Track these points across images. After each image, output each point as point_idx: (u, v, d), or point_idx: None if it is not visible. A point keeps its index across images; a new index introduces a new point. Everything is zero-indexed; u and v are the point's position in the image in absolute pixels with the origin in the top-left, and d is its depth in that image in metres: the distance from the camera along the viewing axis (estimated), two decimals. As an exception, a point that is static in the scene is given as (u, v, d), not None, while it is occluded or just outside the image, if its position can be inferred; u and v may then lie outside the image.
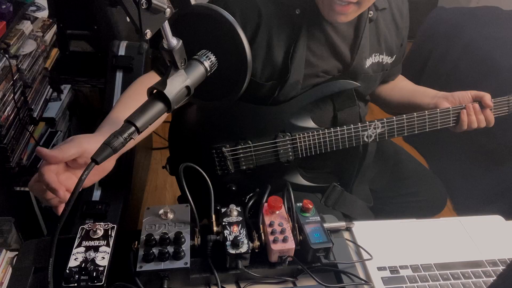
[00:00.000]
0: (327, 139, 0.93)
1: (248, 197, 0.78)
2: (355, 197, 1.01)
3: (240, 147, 0.92)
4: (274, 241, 0.67)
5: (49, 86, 1.61)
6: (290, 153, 0.93)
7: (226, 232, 0.68)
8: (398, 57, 1.04)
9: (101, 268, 0.62)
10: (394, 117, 0.94)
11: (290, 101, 0.91)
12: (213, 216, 0.70)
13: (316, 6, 0.84)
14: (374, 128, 0.94)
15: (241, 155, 0.93)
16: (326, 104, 0.94)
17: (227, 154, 0.92)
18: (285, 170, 0.95)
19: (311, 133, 0.92)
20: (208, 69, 0.57)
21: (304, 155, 0.94)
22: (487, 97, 0.99)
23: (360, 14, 0.86)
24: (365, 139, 0.94)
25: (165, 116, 0.83)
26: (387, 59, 0.99)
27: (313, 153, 0.94)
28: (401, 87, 1.15)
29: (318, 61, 0.90)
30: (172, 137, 1.08)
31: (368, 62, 0.94)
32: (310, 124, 0.93)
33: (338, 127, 0.92)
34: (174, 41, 0.52)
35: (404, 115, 0.95)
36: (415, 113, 0.96)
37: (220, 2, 0.84)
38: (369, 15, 0.91)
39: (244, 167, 0.94)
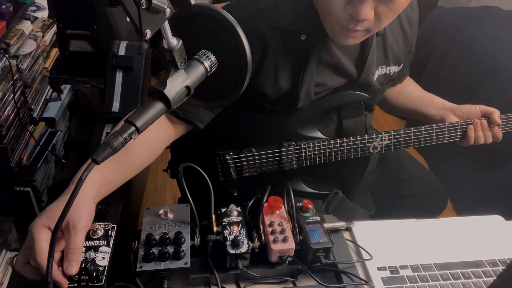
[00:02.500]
0: (332, 149, 0.91)
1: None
2: (356, 205, 1.00)
3: (244, 155, 0.91)
4: (274, 241, 0.67)
5: (49, 86, 1.61)
6: (294, 162, 0.92)
7: (226, 232, 0.68)
8: (405, 64, 1.01)
9: (101, 268, 0.62)
10: (402, 130, 0.92)
11: (298, 111, 0.89)
12: (213, 216, 0.71)
13: (322, 28, 0.81)
14: (381, 140, 0.92)
15: (245, 163, 0.92)
16: (332, 113, 0.93)
17: (230, 162, 0.91)
18: (287, 177, 0.94)
19: (316, 143, 0.90)
20: (208, 69, 0.57)
21: (308, 164, 0.93)
22: (496, 114, 0.97)
23: None
24: (371, 150, 0.93)
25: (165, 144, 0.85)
26: (394, 69, 0.96)
27: (317, 163, 0.93)
28: (408, 92, 1.12)
29: (324, 80, 0.88)
30: (175, 141, 1.07)
31: (375, 76, 0.92)
32: (316, 134, 0.92)
33: (344, 138, 0.91)
34: (174, 41, 0.52)
35: (412, 129, 0.93)
36: (422, 127, 0.93)
37: None
38: None
39: (247, 175, 0.93)
